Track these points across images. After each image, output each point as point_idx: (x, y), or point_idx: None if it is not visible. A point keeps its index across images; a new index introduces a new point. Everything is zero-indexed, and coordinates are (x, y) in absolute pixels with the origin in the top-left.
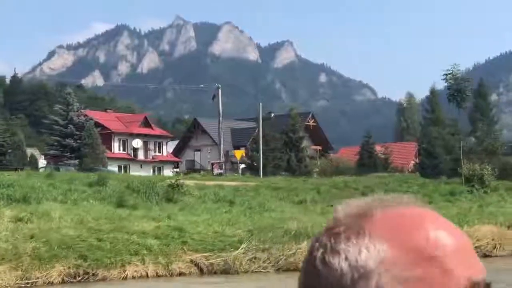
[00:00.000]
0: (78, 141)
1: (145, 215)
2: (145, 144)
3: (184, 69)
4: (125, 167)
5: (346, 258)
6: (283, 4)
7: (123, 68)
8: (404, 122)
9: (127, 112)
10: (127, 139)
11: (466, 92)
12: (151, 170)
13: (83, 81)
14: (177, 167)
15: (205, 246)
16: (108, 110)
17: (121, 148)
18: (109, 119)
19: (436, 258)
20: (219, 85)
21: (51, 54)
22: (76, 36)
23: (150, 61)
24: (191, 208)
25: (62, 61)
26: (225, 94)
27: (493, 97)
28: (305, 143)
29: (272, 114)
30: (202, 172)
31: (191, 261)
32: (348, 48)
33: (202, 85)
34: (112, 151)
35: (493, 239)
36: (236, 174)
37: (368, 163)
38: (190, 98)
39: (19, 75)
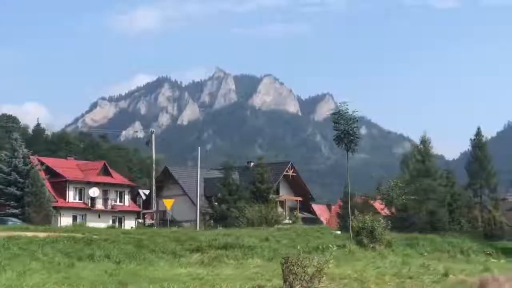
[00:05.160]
0: (25, 189)
1: None
2: (105, 193)
3: (224, 121)
4: (82, 217)
5: None
6: (323, 57)
7: (164, 119)
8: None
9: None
10: (84, 188)
11: (355, 134)
12: (111, 221)
13: (123, 133)
14: (144, 217)
15: None
16: (68, 158)
17: (77, 197)
18: (66, 167)
19: None
20: (153, 130)
21: (93, 106)
22: (119, 88)
23: (190, 112)
24: None
25: (104, 113)
26: (264, 145)
27: None
28: (282, 193)
29: (252, 163)
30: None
31: None
32: (388, 100)
33: (137, 131)
34: (67, 200)
35: None
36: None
37: (346, 213)
38: (229, 150)
39: (63, 126)
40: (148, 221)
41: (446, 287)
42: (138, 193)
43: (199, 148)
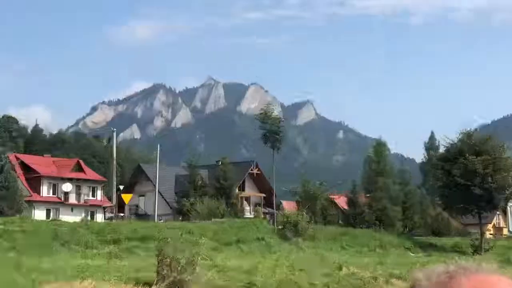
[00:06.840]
0: None
1: None
2: (78, 188)
3: (214, 125)
4: (56, 211)
5: None
6: (306, 66)
7: (158, 123)
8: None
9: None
10: (58, 183)
11: (279, 134)
12: (83, 214)
13: (121, 134)
14: (104, 211)
15: None
16: (45, 155)
17: (51, 192)
18: (42, 164)
19: None
20: (114, 129)
21: (93, 109)
22: (117, 93)
23: (183, 117)
24: None
25: (104, 116)
26: (249, 147)
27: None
28: (247, 190)
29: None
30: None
31: None
32: (364, 107)
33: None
34: (41, 194)
35: None
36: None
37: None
38: (218, 151)
39: (66, 127)
40: (108, 214)
41: (335, 281)
42: (119, 189)
43: (158, 145)
